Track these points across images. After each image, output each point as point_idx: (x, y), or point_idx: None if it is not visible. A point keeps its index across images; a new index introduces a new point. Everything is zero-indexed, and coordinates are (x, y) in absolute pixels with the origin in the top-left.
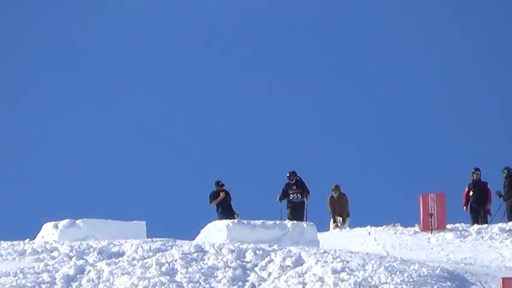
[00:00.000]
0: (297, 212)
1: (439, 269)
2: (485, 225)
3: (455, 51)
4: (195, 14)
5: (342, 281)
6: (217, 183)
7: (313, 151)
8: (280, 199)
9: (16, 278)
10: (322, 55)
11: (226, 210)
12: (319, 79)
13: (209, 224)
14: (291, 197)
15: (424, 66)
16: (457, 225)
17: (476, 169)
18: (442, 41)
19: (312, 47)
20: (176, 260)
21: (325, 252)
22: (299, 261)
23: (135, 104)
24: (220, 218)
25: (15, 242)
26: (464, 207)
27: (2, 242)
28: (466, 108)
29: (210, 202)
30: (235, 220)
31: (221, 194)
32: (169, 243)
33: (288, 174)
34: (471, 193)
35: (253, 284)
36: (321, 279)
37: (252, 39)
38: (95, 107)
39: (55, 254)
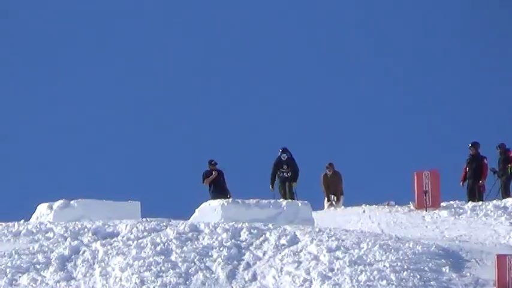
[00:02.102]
0: (285, 187)
1: (434, 246)
2: (480, 203)
3: (449, 24)
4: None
5: (337, 259)
6: (210, 162)
7: (306, 129)
8: (272, 184)
9: (11, 259)
10: (311, 31)
11: (218, 189)
12: (310, 55)
13: (204, 204)
14: (281, 174)
15: (418, 40)
16: (452, 202)
17: (473, 144)
18: (435, 14)
19: (300, 21)
20: (171, 239)
21: (320, 230)
22: (294, 240)
23: (129, 85)
24: (213, 198)
25: (10, 223)
26: (462, 183)
27: None
28: (462, 85)
29: (203, 181)
30: (230, 199)
31: (213, 173)
32: (164, 223)
33: (280, 150)
34: (468, 169)
35: (248, 263)
36: (316, 257)
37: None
38: (89, 88)
39: (50, 234)
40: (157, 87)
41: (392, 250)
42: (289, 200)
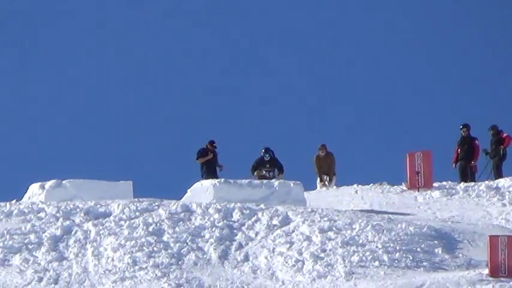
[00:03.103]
0: None
1: (426, 227)
2: (472, 183)
3: (442, 9)
4: None
5: (329, 239)
6: (211, 142)
7: (299, 110)
8: (252, 173)
9: (3, 239)
10: (309, 11)
11: (210, 170)
12: (308, 35)
13: (196, 184)
14: (263, 173)
15: (410, 26)
16: (444, 183)
17: (464, 125)
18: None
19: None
20: (163, 220)
21: (312, 211)
22: (286, 221)
23: (122, 64)
24: (205, 178)
25: (1, 203)
26: (454, 164)
27: None
28: (454, 66)
29: (197, 159)
30: (222, 180)
31: (209, 154)
32: (156, 203)
33: (263, 150)
34: (459, 150)
35: (240, 243)
36: (308, 238)
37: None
38: (81, 68)
39: (42, 214)
40: (152, 66)
41: (385, 231)
42: (282, 180)
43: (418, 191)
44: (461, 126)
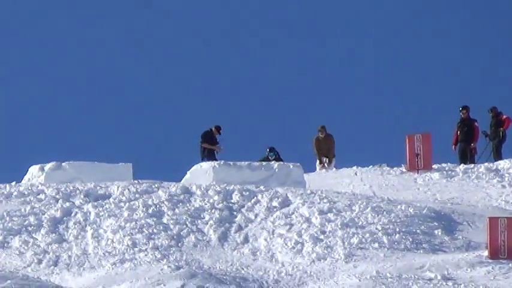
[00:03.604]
0: None
1: (426, 209)
2: (472, 165)
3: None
4: None
5: (329, 221)
6: (218, 128)
7: (298, 91)
8: None
9: (3, 221)
10: None
11: (212, 155)
12: (308, 16)
13: (195, 166)
14: None
15: (411, 6)
16: (444, 165)
17: (464, 107)
18: None
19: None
20: (163, 201)
21: (311, 193)
22: (286, 202)
23: (123, 47)
24: (205, 161)
25: (1, 185)
26: (454, 146)
27: None
28: (453, 48)
29: (202, 142)
30: (222, 162)
31: (218, 147)
32: (156, 185)
33: (267, 150)
34: (459, 132)
35: (239, 225)
36: (307, 220)
37: None
38: (83, 48)
39: (41, 196)
40: (153, 50)
41: (385, 212)
42: (281, 162)
43: (418, 173)
44: (460, 108)
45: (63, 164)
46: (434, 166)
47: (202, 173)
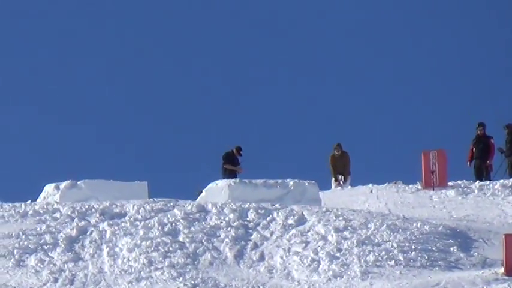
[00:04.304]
0: None
1: (442, 226)
2: (487, 182)
3: (455, 12)
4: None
5: (345, 239)
6: (238, 149)
7: (314, 109)
8: None
9: (18, 239)
10: (321, 15)
11: (232, 177)
12: (321, 36)
13: (211, 184)
14: None
15: (426, 23)
16: (459, 182)
17: (480, 124)
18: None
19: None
20: (178, 220)
21: (327, 210)
22: (301, 220)
23: (136, 64)
24: (224, 178)
25: (16, 204)
26: (469, 163)
27: (3, 203)
28: (468, 65)
29: (224, 163)
30: (237, 179)
31: (239, 168)
32: (172, 204)
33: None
34: (474, 149)
35: (255, 243)
36: (323, 237)
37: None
38: (97, 66)
39: (57, 215)
40: (167, 66)
41: (400, 230)
42: (297, 180)
43: (433, 190)
44: (477, 125)
45: (79, 182)
46: (450, 183)
47: (218, 191)
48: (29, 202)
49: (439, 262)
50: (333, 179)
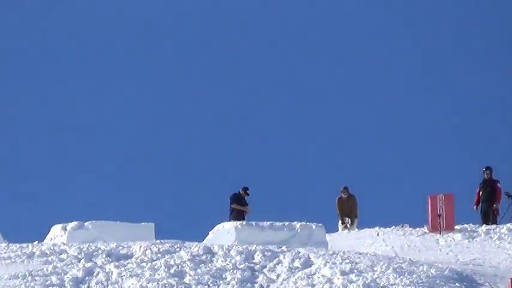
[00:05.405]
0: None
1: (448, 270)
2: (494, 226)
3: (462, 48)
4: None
5: (351, 282)
6: (245, 189)
7: (321, 152)
8: None
9: (25, 280)
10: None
11: (240, 217)
12: (327, 78)
13: (217, 226)
14: None
15: (430, 64)
16: (466, 225)
17: (487, 168)
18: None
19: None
20: (185, 261)
21: (333, 253)
22: (308, 263)
23: (142, 104)
24: (232, 220)
25: (23, 245)
26: (475, 207)
27: (10, 244)
28: (476, 107)
29: (232, 203)
30: (244, 222)
31: (248, 208)
32: (178, 245)
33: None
34: (481, 193)
35: (261, 285)
36: (329, 280)
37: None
38: (101, 107)
39: (64, 256)
40: (173, 108)
41: (406, 273)
42: (304, 223)
43: (440, 234)
44: (484, 169)
45: (86, 223)
46: (457, 227)
47: (224, 233)
48: (36, 243)
49: None
50: (340, 221)
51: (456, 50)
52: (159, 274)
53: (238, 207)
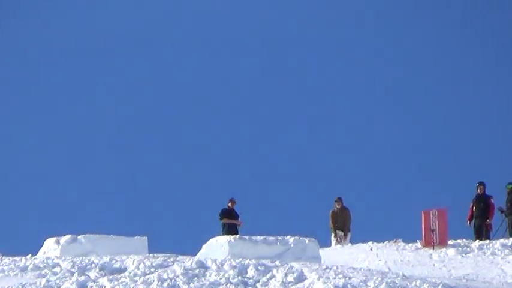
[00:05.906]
0: None
1: (441, 285)
2: (487, 241)
3: (454, 59)
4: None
5: None
6: (232, 200)
7: (315, 166)
8: None
9: None
10: (324, 67)
11: (232, 230)
12: (323, 89)
13: (211, 240)
14: None
15: (425, 78)
16: (459, 241)
17: (480, 183)
18: (444, 48)
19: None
20: (178, 276)
21: (327, 268)
22: (301, 278)
23: (136, 116)
24: (224, 234)
25: (17, 258)
26: (469, 222)
27: (3, 257)
28: (469, 122)
29: (221, 218)
30: (237, 236)
31: (239, 223)
32: (171, 259)
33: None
34: (475, 208)
35: None
36: None
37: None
38: (98, 116)
39: (57, 269)
40: (166, 120)
41: None
42: (297, 237)
43: (433, 249)
44: (477, 184)
45: (79, 237)
46: (450, 242)
47: (217, 247)
48: (29, 256)
49: None
50: (333, 234)
51: (454, 63)
52: None
53: (229, 221)
